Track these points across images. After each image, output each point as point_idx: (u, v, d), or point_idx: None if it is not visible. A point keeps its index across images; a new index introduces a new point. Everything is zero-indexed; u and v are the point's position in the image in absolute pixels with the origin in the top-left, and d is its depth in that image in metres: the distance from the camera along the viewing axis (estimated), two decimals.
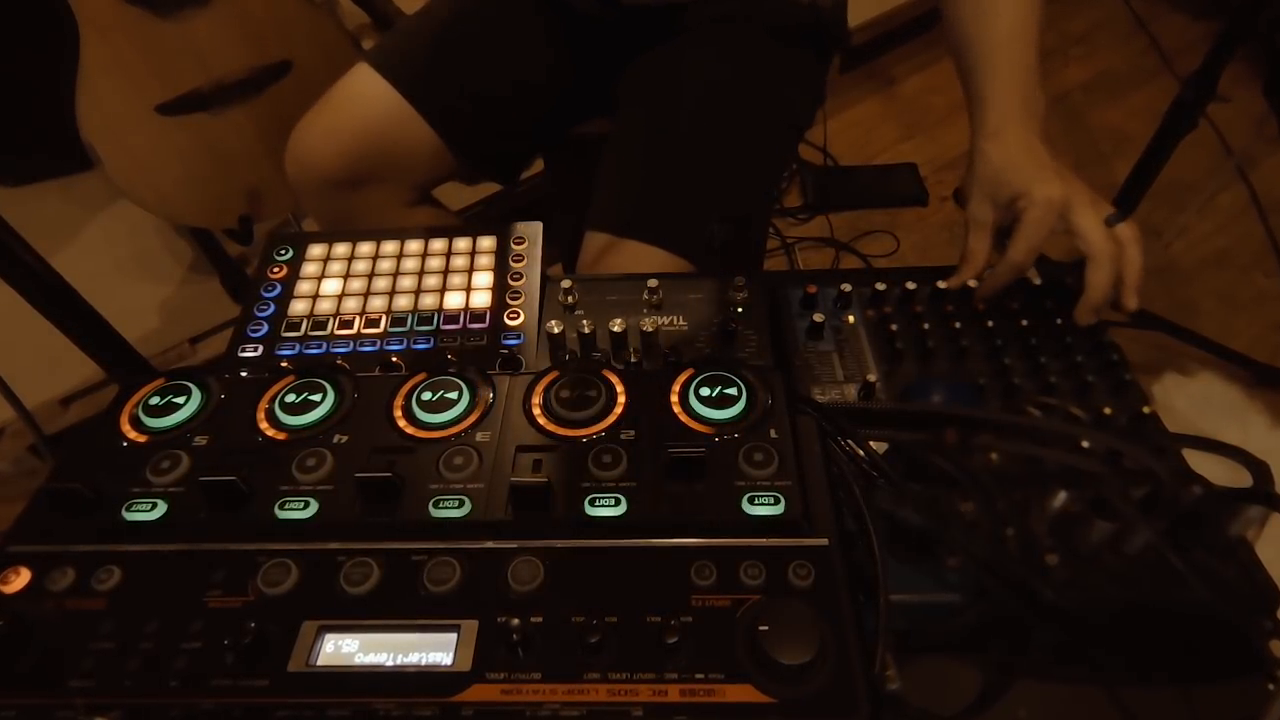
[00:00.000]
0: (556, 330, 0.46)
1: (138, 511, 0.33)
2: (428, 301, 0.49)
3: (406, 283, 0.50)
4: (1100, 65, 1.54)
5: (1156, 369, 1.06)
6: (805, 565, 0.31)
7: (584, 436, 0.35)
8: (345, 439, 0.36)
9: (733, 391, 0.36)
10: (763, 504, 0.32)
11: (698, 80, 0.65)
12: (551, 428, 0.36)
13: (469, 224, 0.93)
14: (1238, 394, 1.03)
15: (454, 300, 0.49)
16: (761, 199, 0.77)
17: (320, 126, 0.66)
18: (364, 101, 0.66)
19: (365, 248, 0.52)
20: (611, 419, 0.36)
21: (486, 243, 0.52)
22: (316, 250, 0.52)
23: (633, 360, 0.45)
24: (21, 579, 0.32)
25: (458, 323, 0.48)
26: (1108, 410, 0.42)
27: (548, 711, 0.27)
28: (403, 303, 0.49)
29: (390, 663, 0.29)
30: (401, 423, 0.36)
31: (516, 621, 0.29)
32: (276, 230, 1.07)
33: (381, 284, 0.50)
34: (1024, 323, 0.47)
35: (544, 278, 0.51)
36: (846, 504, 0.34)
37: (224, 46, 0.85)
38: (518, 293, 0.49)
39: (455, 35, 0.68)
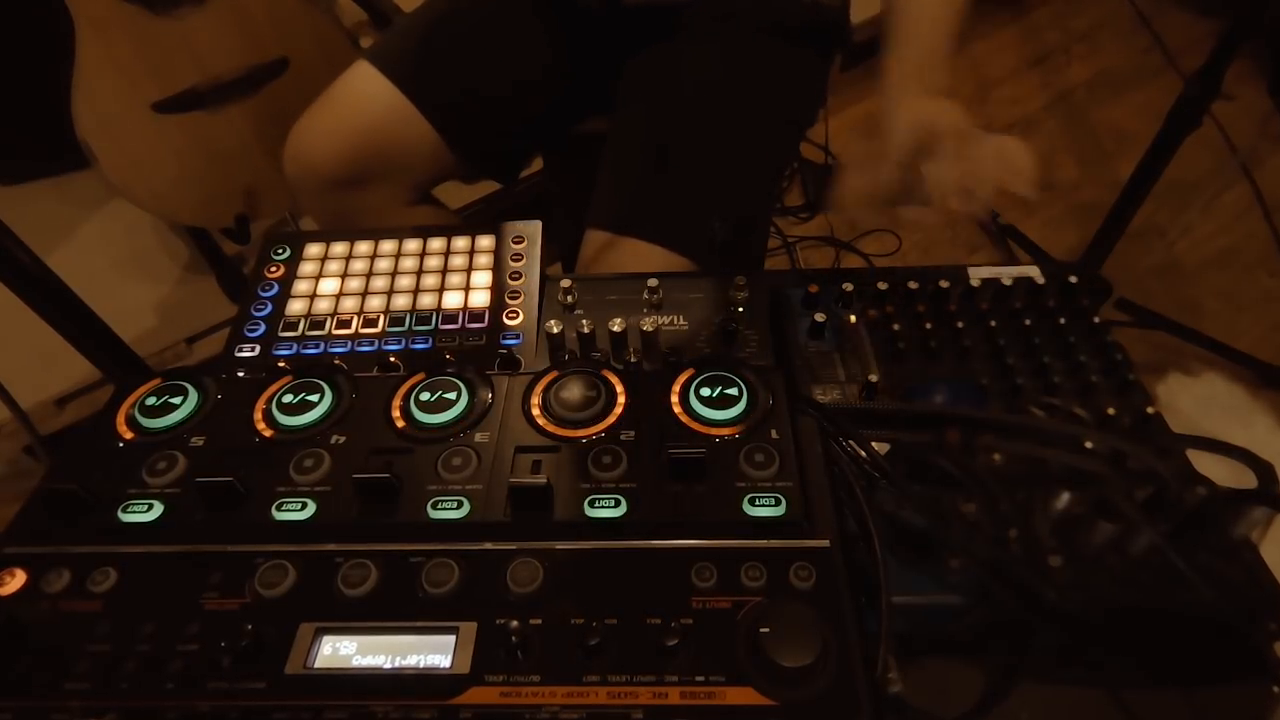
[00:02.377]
0: (556, 330, 0.46)
1: (134, 513, 0.33)
2: (426, 301, 0.49)
3: (404, 282, 0.50)
4: (1103, 63, 1.54)
5: (1160, 369, 1.05)
6: (806, 567, 0.31)
7: (584, 437, 0.35)
8: (343, 440, 0.35)
9: (733, 392, 0.36)
10: (763, 505, 0.32)
11: (698, 78, 0.64)
12: (551, 428, 0.36)
13: (468, 223, 0.93)
14: (1242, 394, 1.02)
15: (452, 300, 0.49)
16: (763, 197, 0.77)
17: (319, 125, 0.65)
18: (364, 99, 0.65)
19: (363, 247, 0.52)
20: (611, 419, 0.36)
21: (485, 242, 0.52)
22: (314, 250, 0.52)
23: (633, 360, 0.45)
24: (17, 580, 0.31)
25: (456, 322, 0.48)
26: (1111, 411, 0.41)
27: (547, 714, 0.27)
28: (401, 302, 0.49)
29: (388, 665, 0.29)
30: (400, 423, 0.36)
31: (516, 623, 0.28)
32: (273, 229, 1.07)
33: (379, 283, 0.50)
34: (1027, 322, 0.47)
35: (543, 277, 0.51)
36: (848, 505, 0.34)
37: (220, 44, 0.84)
38: (517, 292, 0.49)
39: (456, 33, 0.67)
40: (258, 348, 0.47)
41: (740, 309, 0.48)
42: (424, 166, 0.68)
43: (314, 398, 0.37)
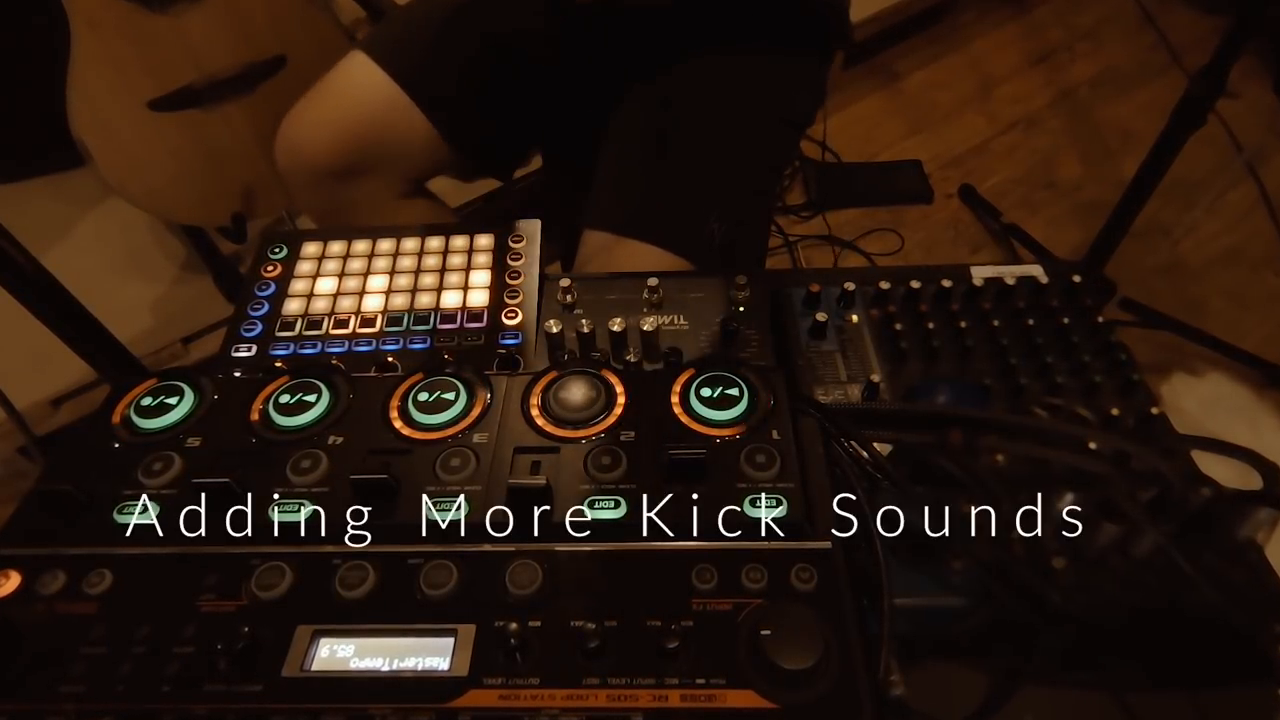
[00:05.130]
0: (555, 330, 0.46)
1: (129, 514, 0.33)
2: (424, 300, 0.48)
3: (403, 281, 0.50)
4: (1107, 60, 1.53)
5: (1165, 369, 1.05)
6: (808, 568, 0.30)
7: (583, 437, 0.35)
8: (340, 440, 0.35)
9: (734, 392, 0.36)
10: (764, 506, 0.32)
11: (696, 78, 0.64)
12: (550, 429, 0.35)
13: (466, 221, 0.93)
14: (1247, 394, 1.02)
15: (451, 299, 0.49)
16: (761, 198, 0.77)
17: (313, 116, 0.65)
18: (359, 89, 0.65)
19: (360, 246, 0.52)
20: (611, 419, 0.35)
21: (484, 241, 0.52)
22: (311, 248, 0.52)
23: (632, 360, 0.45)
24: (12, 582, 0.31)
25: (455, 322, 0.47)
26: (1115, 411, 0.41)
27: (546, 717, 0.27)
28: (399, 302, 0.49)
29: (386, 668, 0.29)
30: (398, 424, 0.36)
31: (515, 626, 0.28)
32: (270, 228, 1.07)
33: (377, 283, 0.50)
34: (1030, 322, 0.46)
35: (542, 276, 0.50)
36: (849, 506, 0.34)
37: (217, 42, 0.84)
38: (516, 291, 0.49)
39: (453, 24, 0.67)
40: (254, 348, 0.46)
41: (741, 309, 0.48)
42: (418, 159, 0.68)
43: (311, 398, 0.36)
